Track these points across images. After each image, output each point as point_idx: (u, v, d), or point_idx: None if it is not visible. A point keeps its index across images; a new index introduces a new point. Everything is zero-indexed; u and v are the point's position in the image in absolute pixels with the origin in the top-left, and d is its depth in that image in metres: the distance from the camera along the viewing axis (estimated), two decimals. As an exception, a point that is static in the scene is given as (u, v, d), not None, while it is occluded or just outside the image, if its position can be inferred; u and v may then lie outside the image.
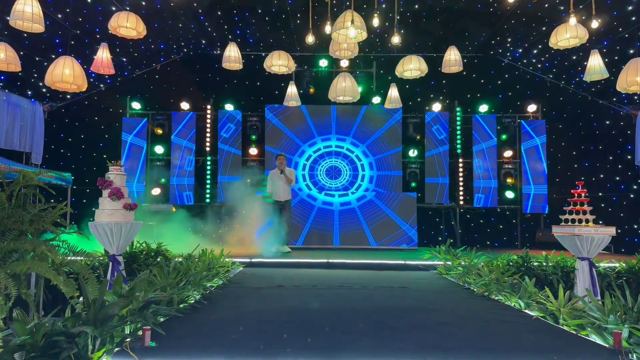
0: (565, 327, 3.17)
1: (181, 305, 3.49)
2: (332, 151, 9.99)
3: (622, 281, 5.35)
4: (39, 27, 5.83)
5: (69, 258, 2.30)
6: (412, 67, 6.96)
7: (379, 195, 9.18)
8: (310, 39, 5.55)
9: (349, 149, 10.02)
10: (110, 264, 4.35)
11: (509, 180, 9.98)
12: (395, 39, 5.46)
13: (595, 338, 2.85)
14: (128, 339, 2.50)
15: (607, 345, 2.70)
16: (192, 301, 3.73)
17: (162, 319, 3.12)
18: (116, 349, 2.46)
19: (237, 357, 2.37)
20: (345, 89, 7.36)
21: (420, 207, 9.75)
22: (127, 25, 6.31)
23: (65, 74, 6.58)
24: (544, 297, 3.76)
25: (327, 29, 5.37)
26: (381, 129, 9.99)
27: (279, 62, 7.02)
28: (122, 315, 2.69)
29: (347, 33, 5.11)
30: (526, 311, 3.70)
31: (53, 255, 1.91)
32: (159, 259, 5.42)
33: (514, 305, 3.92)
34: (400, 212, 8.99)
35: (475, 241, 9.96)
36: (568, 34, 6.30)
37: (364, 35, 5.79)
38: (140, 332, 2.61)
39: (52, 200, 3.61)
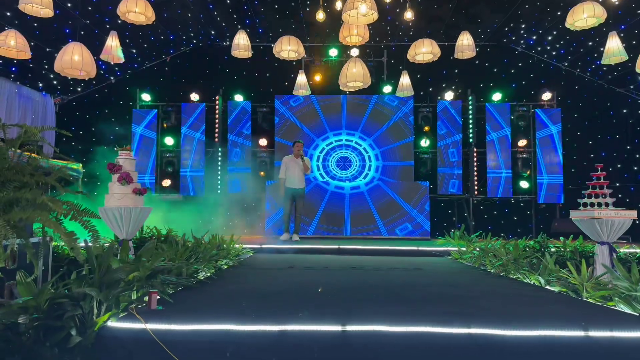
0: (590, 300, 3.02)
1: (192, 280, 3.40)
2: (342, 142, 9.87)
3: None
4: (48, 12, 5.81)
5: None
6: (425, 50, 6.82)
7: (390, 184, 9.06)
8: (320, 15, 5.45)
9: (360, 137, 9.89)
10: (120, 249, 4.29)
11: (523, 170, 9.77)
12: (408, 14, 5.34)
13: (623, 307, 2.70)
14: (134, 304, 2.42)
15: (636, 314, 2.55)
16: (202, 277, 3.65)
17: (170, 291, 3.04)
18: (122, 314, 2.37)
19: (248, 322, 2.28)
20: (356, 74, 7.24)
21: (433, 198, 9.59)
22: (136, 10, 6.26)
23: (74, 60, 6.56)
24: (566, 272, 3.61)
25: (338, 5, 5.27)
26: (392, 118, 9.84)
27: (288, 47, 6.93)
28: (129, 281, 2.60)
29: (358, 10, 5.00)
30: (547, 287, 3.55)
31: (55, 206, 1.83)
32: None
33: (534, 282, 3.78)
34: (412, 202, 8.85)
35: (488, 232, 9.78)
36: (585, 14, 6.13)
37: (375, 16, 5.68)
38: (146, 298, 2.53)
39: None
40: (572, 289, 3.35)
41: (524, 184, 9.77)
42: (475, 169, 9.88)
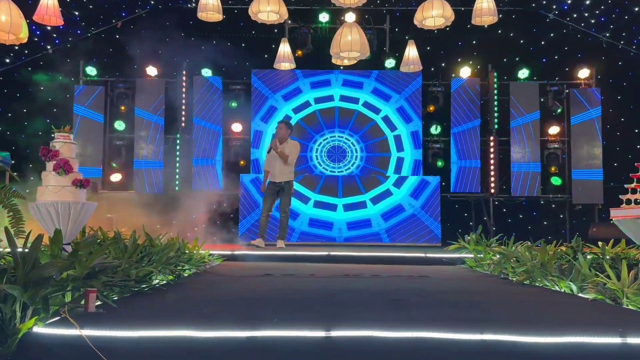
0: (630, 307, 3.06)
1: (143, 286, 3.38)
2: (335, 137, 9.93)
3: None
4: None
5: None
6: (435, 13, 6.86)
7: (392, 180, 9.10)
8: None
9: (351, 132, 9.93)
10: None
11: (555, 163, 9.85)
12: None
13: (670, 314, 2.73)
14: (67, 307, 2.39)
15: (686, 321, 2.58)
16: (157, 282, 3.63)
17: (115, 296, 3.02)
18: (52, 320, 2.35)
19: (209, 327, 2.26)
20: (351, 43, 7.25)
21: (445, 198, 9.64)
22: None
23: (0, 21, 6.48)
24: (604, 277, 3.64)
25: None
26: (395, 99, 9.87)
27: (267, 8, 6.92)
28: (62, 281, 2.57)
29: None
30: (580, 295, 3.59)
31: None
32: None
33: (564, 290, 3.81)
34: (419, 201, 8.90)
35: (512, 239, 9.85)
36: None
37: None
38: (83, 302, 2.50)
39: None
40: (610, 297, 3.38)
41: (556, 181, 9.85)
42: (495, 162, 9.93)
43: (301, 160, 9.50)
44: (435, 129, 10.00)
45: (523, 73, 10.06)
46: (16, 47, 9.64)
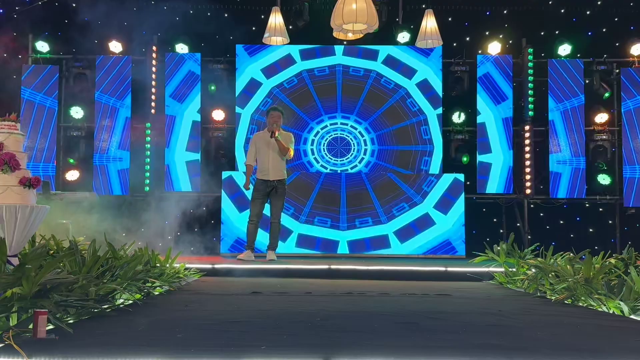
0: (692, 331, 3.08)
1: (104, 306, 3.41)
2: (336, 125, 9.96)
3: None
4: None
5: None
6: (457, -23, 6.88)
7: (404, 178, 9.14)
8: None
9: (357, 120, 9.95)
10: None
11: (603, 159, 9.87)
12: None
13: None
14: (12, 332, 2.41)
15: None
16: (121, 302, 3.66)
17: (71, 319, 3.04)
18: (-5, 347, 2.37)
19: (184, 357, 2.28)
20: (356, 12, 7.27)
21: (469, 200, 9.67)
22: None
23: None
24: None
25: None
26: (409, 81, 9.90)
27: (255, -29, 6.95)
28: (6, 300, 2.59)
29: None
30: (632, 317, 3.63)
31: None
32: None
33: (613, 311, 3.85)
34: (438, 205, 8.93)
35: (550, 248, 9.88)
36: None
37: None
38: (31, 325, 2.52)
39: None
40: (668, 320, 3.42)
41: (604, 180, 9.87)
42: (531, 156, 9.95)
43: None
44: (458, 117, 10.02)
45: (564, 49, 10.08)
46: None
